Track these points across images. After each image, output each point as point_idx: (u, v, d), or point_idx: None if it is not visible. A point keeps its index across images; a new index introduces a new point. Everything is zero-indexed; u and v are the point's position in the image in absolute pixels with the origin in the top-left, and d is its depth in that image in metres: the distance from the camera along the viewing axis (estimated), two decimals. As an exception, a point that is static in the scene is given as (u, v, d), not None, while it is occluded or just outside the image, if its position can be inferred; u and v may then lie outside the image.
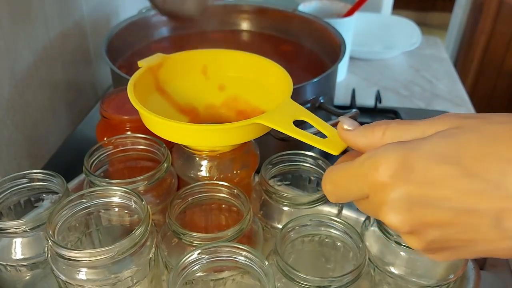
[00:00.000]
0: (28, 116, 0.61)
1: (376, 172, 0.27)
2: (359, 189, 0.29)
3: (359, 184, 0.28)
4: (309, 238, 0.40)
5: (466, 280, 0.41)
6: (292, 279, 0.33)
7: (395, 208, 0.26)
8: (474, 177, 0.24)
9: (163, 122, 0.37)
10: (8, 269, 0.40)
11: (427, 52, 1.05)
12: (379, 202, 0.27)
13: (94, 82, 0.81)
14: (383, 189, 0.27)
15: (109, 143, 0.45)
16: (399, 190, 0.26)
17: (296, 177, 0.47)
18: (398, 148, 0.27)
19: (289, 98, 0.39)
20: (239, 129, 0.37)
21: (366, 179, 0.28)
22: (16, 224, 0.37)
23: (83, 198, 0.38)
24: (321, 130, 0.35)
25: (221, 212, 0.44)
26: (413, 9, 2.60)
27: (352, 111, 0.55)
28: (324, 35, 0.72)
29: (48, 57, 0.65)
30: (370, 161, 0.27)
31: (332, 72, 0.61)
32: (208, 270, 0.35)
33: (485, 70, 1.78)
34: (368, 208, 0.30)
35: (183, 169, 0.44)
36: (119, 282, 0.35)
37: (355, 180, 0.29)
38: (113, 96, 0.51)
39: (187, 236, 0.36)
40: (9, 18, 0.55)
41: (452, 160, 0.25)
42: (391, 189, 0.26)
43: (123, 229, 0.42)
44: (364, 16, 1.04)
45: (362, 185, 0.28)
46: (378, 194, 0.27)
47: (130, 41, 0.72)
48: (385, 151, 0.27)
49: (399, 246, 0.38)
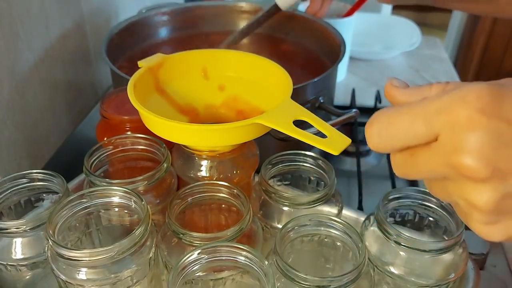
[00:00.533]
0: (28, 116, 0.61)
1: (463, 104, 0.23)
2: (426, 126, 0.24)
3: (430, 119, 0.24)
4: (309, 238, 0.40)
5: (465, 280, 0.41)
6: (292, 279, 0.33)
7: (480, 145, 0.23)
8: None
9: (163, 122, 0.37)
10: (9, 269, 0.40)
11: (427, 52, 1.05)
12: (458, 140, 0.23)
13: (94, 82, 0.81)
14: (469, 123, 0.23)
15: (109, 143, 0.45)
16: (488, 125, 0.23)
17: (296, 177, 0.47)
18: (488, 84, 0.23)
19: (289, 98, 0.39)
20: (239, 129, 0.37)
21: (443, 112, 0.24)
22: (16, 224, 0.37)
23: (83, 198, 0.38)
24: (321, 130, 0.35)
25: (221, 212, 0.44)
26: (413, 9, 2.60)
27: (352, 111, 0.55)
28: (324, 35, 0.72)
29: (48, 57, 0.65)
30: (454, 93, 0.24)
31: (332, 72, 0.61)
32: (208, 270, 0.35)
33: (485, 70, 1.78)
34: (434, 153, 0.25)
35: (183, 169, 0.44)
36: (119, 281, 0.35)
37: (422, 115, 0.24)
38: (113, 96, 0.51)
39: (187, 236, 0.36)
40: (9, 18, 0.55)
41: None
42: (479, 123, 0.23)
43: (123, 229, 0.42)
44: (364, 16, 1.04)
45: (435, 121, 0.24)
46: (459, 130, 0.23)
47: (130, 41, 0.72)
48: (473, 85, 0.23)
49: (398, 246, 0.38)
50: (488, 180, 0.23)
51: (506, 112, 0.23)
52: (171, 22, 0.77)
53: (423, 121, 0.24)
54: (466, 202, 0.25)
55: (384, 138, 0.26)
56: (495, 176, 0.23)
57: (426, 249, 0.37)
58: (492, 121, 0.23)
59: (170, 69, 0.46)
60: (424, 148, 0.25)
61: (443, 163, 0.24)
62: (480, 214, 0.25)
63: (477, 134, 0.23)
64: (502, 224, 0.25)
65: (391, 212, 0.42)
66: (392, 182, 0.62)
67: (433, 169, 0.25)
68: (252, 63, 0.46)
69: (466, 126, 0.23)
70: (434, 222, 0.42)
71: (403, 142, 0.26)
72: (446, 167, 0.24)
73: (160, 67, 0.45)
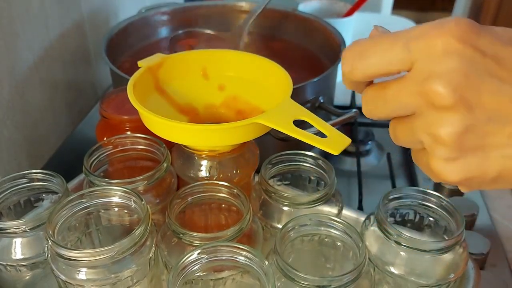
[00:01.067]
0: (28, 116, 0.61)
1: (441, 29, 0.23)
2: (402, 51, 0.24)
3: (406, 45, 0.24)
4: (309, 237, 0.40)
5: (466, 279, 0.41)
6: (292, 279, 0.33)
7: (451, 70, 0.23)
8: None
9: (163, 122, 0.37)
10: (8, 269, 0.40)
11: (427, 52, 1.05)
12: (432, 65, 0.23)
13: (94, 82, 0.81)
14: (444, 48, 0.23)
15: (108, 143, 0.45)
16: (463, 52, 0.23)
17: (296, 177, 0.47)
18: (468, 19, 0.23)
19: (289, 98, 0.39)
20: (239, 129, 0.37)
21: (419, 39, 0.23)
22: (16, 224, 0.37)
23: (83, 198, 0.38)
24: (321, 129, 0.35)
25: (221, 212, 0.44)
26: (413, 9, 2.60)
27: (352, 111, 0.55)
28: (324, 35, 0.72)
29: (48, 57, 0.65)
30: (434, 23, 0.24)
31: (332, 72, 0.61)
32: (208, 270, 0.35)
33: (485, 70, 1.78)
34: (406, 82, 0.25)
35: (182, 169, 0.44)
36: (119, 281, 0.35)
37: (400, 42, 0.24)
38: (113, 96, 0.51)
39: (187, 236, 0.36)
40: (9, 18, 0.55)
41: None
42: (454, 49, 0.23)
43: (123, 229, 0.42)
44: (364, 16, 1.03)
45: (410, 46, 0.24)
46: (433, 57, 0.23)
47: (130, 41, 0.72)
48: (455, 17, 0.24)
49: (399, 245, 0.38)
50: (454, 109, 0.23)
51: (482, 44, 0.23)
52: (171, 22, 0.77)
53: (401, 46, 0.24)
54: (430, 135, 0.25)
55: (359, 62, 0.26)
56: (461, 105, 0.23)
57: (426, 249, 0.37)
58: (468, 49, 0.23)
59: (170, 69, 0.46)
60: (397, 79, 0.25)
61: (414, 92, 0.24)
62: (442, 147, 0.24)
63: (450, 60, 0.23)
64: (461, 161, 0.24)
65: (391, 212, 0.42)
66: (392, 182, 0.62)
67: (402, 100, 0.25)
68: (252, 63, 0.46)
69: (441, 52, 0.23)
70: (434, 222, 0.42)
71: (378, 67, 0.25)
72: (416, 96, 0.24)
73: (160, 67, 0.45)
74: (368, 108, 0.28)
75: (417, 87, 0.24)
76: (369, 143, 0.71)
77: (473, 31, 0.23)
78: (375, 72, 0.25)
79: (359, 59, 0.26)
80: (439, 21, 0.24)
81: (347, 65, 0.26)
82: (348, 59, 0.26)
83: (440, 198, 0.40)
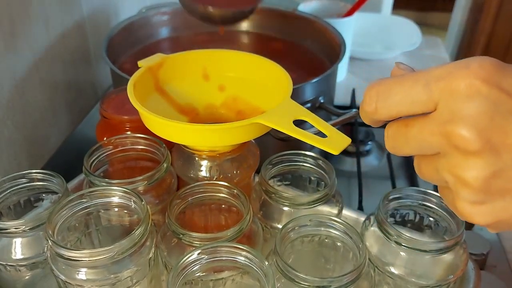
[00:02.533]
0: (28, 116, 0.61)
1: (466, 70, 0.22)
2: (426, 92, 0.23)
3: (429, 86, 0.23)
4: (309, 238, 0.40)
5: (466, 280, 0.41)
6: (292, 279, 0.33)
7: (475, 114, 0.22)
8: None
9: (163, 122, 0.37)
10: (8, 269, 0.40)
11: (427, 52, 1.05)
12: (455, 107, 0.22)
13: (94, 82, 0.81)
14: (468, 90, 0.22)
15: (109, 143, 0.45)
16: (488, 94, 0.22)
17: (296, 177, 0.47)
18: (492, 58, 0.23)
19: (289, 98, 0.39)
20: (239, 129, 0.37)
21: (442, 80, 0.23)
22: (16, 224, 0.37)
23: (83, 198, 0.38)
24: (321, 129, 0.35)
25: (221, 212, 0.44)
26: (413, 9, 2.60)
27: (352, 111, 0.55)
28: (324, 35, 0.72)
29: (48, 57, 0.65)
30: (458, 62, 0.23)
31: (332, 72, 0.61)
32: (208, 270, 0.35)
33: (485, 71, 1.78)
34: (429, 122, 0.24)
35: (183, 169, 0.44)
36: (119, 282, 0.35)
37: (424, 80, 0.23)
38: (113, 96, 0.51)
39: (187, 236, 0.36)
40: (9, 18, 0.55)
41: None
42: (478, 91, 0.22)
43: (123, 229, 0.42)
44: (364, 16, 1.04)
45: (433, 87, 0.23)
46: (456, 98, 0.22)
47: (130, 41, 0.72)
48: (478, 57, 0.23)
49: (399, 246, 0.38)
50: (480, 153, 0.22)
51: (508, 84, 0.22)
52: (171, 22, 0.77)
53: (423, 86, 0.23)
54: (455, 177, 0.24)
55: (382, 102, 0.25)
56: (487, 149, 0.22)
57: (426, 250, 0.37)
58: (493, 91, 0.22)
59: (170, 69, 0.46)
60: (420, 118, 0.24)
61: (437, 132, 0.24)
62: (468, 191, 0.24)
63: (475, 102, 0.22)
64: (489, 205, 0.24)
65: (391, 212, 0.42)
66: (392, 182, 0.62)
67: (425, 139, 0.24)
68: (252, 63, 0.46)
69: (465, 94, 0.22)
70: (434, 222, 0.42)
71: (401, 108, 0.25)
72: (439, 137, 0.24)
73: (160, 67, 0.45)
74: (390, 144, 0.27)
75: (440, 128, 0.23)
76: (369, 143, 0.71)
77: (497, 71, 0.22)
78: (398, 113, 0.25)
79: (382, 100, 0.25)
80: (463, 62, 0.23)
81: (370, 105, 0.26)
82: (372, 99, 0.26)
83: (440, 198, 0.40)
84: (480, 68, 0.22)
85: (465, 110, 0.22)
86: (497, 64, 0.22)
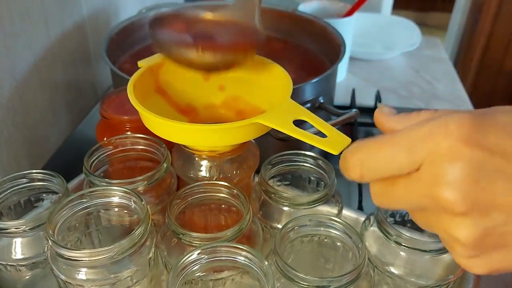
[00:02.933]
0: (28, 116, 0.61)
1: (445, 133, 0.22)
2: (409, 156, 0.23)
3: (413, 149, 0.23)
4: (309, 238, 0.40)
5: (466, 280, 0.41)
6: (291, 279, 0.33)
7: (460, 177, 0.22)
8: None
9: (163, 122, 0.37)
10: (8, 269, 0.40)
11: (427, 52, 1.05)
12: (438, 171, 0.22)
13: (94, 82, 0.81)
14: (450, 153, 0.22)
15: (109, 143, 0.45)
16: (470, 156, 0.22)
17: (296, 177, 0.47)
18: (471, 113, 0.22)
19: (289, 98, 0.39)
20: (239, 129, 0.37)
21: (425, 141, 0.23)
22: (16, 224, 0.37)
23: (83, 198, 0.38)
24: (321, 129, 0.35)
25: (221, 212, 0.44)
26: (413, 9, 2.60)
27: (352, 111, 0.55)
28: (324, 35, 0.72)
29: (48, 57, 0.65)
30: (436, 122, 0.23)
31: (332, 72, 0.61)
32: (208, 270, 0.35)
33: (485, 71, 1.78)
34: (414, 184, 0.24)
35: (182, 169, 0.44)
36: (119, 282, 0.35)
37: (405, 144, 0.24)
38: (113, 96, 0.51)
39: (187, 236, 0.36)
40: (9, 18, 0.55)
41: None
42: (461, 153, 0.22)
43: (123, 229, 0.42)
44: (364, 16, 1.04)
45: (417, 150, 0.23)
46: (440, 160, 0.22)
47: (130, 41, 0.72)
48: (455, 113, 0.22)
49: (398, 246, 0.38)
50: (468, 215, 0.22)
51: (489, 142, 0.22)
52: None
53: (406, 151, 0.24)
54: (447, 235, 0.24)
55: (366, 169, 0.25)
56: (475, 210, 0.22)
57: (426, 249, 0.37)
58: (475, 152, 0.22)
59: (170, 69, 0.46)
60: (405, 177, 0.24)
61: (423, 194, 0.24)
62: (461, 248, 0.24)
63: (458, 166, 0.22)
64: (485, 258, 0.24)
65: (391, 212, 0.42)
66: (392, 182, 0.62)
67: (412, 200, 0.24)
68: (252, 63, 0.46)
69: (447, 157, 0.22)
70: (434, 222, 0.42)
71: (386, 172, 0.25)
72: (425, 198, 0.24)
73: (160, 67, 0.45)
74: (378, 201, 0.27)
75: (426, 191, 0.23)
76: (369, 143, 0.71)
77: (477, 129, 0.22)
78: (383, 176, 0.25)
79: (367, 167, 0.25)
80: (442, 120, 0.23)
81: (355, 172, 0.26)
82: (356, 167, 0.26)
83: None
84: (459, 129, 0.22)
85: (449, 174, 0.22)
86: (476, 121, 0.22)
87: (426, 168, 0.23)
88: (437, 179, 0.22)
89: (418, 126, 0.24)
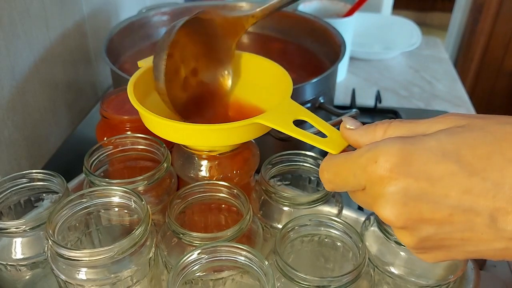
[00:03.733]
0: (28, 116, 0.61)
1: (375, 164, 0.27)
2: (356, 180, 0.29)
3: (357, 175, 0.28)
4: (309, 238, 0.40)
5: (465, 280, 0.41)
6: (292, 279, 0.33)
7: (390, 201, 0.26)
8: (475, 175, 0.24)
9: (163, 122, 0.37)
10: (8, 269, 0.40)
11: (427, 52, 1.05)
12: (376, 195, 0.27)
13: (94, 82, 0.81)
14: (381, 181, 0.26)
15: (109, 143, 0.45)
16: (396, 184, 0.26)
17: (296, 177, 0.47)
18: (399, 142, 0.27)
19: (289, 98, 0.39)
20: (239, 129, 0.37)
21: (364, 170, 0.27)
22: (16, 223, 0.37)
23: (83, 198, 0.38)
24: (321, 129, 0.35)
25: (221, 212, 0.44)
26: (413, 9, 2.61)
27: (352, 111, 0.55)
28: (324, 35, 0.72)
29: (48, 57, 0.65)
30: (370, 153, 0.27)
31: (332, 72, 0.61)
32: (208, 270, 0.35)
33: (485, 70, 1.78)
34: (363, 199, 0.30)
35: (183, 169, 0.44)
36: (119, 281, 0.35)
37: (353, 170, 0.29)
38: (113, 96, 0.51)
39: (187, 236, 0.36)
40: (9, 18, 0.55)
41: (454, 158, 0.25)
42: (388, 182, 0.26)
43: (123, 229, 0.42)
44: (364, 16, 1.04)
45: (360, 177, 0.28)
46: (375, 187, 0.27)
47: (130, 41, 0.72)
48: (385, 145, 0.27)
49: (399, 246, 0.38)
50: (404, 228, 0.27)
51: (414, 171, 0.26)
52: (171, 22, 0.77)
53: (353, 176, 0.29)
54: None
55: (334, 185, 0.31)
56: (409, 225, 0.26)
57: (426, 249, 0.37)
58: (400, 181, 0.26)
59: (170, 69, 0.46)
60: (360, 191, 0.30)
61: (372, 208, 0.29)
62: (409, 248, 0.28)
63: (388, 192, 0.26)
64: (430, 253, 0.28)
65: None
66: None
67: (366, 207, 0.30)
68: (252, 63, 0.46)
69: (379, 184, 0.27)
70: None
71: (346, 188, 0.31)
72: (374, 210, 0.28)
73: (160, 67, 0.45)
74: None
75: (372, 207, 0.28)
76: (369, 143, 0.71)
77: (402, 161, 0.26)
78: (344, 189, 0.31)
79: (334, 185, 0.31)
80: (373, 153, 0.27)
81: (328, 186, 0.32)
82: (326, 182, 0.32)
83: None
84: (386, 162, 0.26)
85: (383, 199, 0.27)
86: (403, 151, 0.26)
87: (368, 190, 0.28)
88: (375, 201, 0.27)
89: (360, 155, 0.28)
